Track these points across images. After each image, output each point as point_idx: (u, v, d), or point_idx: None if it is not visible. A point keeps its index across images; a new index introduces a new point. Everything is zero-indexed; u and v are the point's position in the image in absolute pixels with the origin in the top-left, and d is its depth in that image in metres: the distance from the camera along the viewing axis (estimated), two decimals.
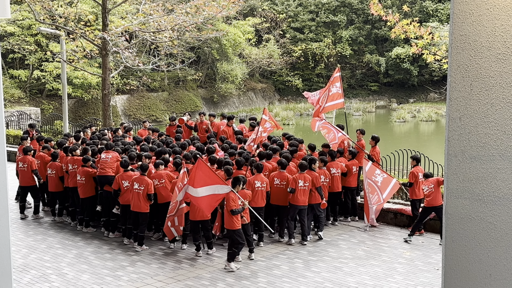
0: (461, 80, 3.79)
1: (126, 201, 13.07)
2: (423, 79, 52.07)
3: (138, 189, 12.67)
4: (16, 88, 37.10)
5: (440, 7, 50.57)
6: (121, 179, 13.08)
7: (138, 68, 25.28)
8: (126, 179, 13.04)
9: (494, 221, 3.73)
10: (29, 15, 33.42)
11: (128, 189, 12.96)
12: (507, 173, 3.67)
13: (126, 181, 13.02)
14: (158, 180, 13.03)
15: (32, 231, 14.39)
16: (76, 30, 23.74)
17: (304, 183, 12.98)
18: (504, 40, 3.61)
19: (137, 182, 12.70)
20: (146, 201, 12.70)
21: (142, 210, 12.75)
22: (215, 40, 43.22)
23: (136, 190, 12.69)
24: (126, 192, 12.99)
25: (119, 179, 13.11)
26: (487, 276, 3.77)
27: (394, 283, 11.01)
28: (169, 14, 23.83)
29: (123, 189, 13.05)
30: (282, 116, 44.84)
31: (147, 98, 43.01)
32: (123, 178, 13.08)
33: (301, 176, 13.02)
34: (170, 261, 12.21)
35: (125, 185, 13.03)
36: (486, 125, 3.71)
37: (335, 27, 53.46)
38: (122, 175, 13.12)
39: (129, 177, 13.01)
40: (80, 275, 11.50)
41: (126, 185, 13.02)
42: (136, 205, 12.76)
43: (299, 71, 52.67)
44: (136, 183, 12.70)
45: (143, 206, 12.73)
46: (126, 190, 12.98)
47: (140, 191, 12.66)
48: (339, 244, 13.28)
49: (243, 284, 10.97)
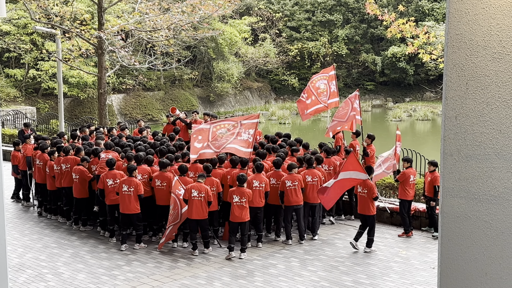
0: (457, 79, 3.79)
1: (112, 201, 13.07)
2: (419, 78, 52.16)
3: (128, 191, 12.62)
4: (11, 87, 37.01)
5: (436, 6, 50.65)
6: (106, 177, 13.10)
7: (134, 67, 25.26)
8: (110, 177, 13.05)
9: (489, 220, 3.74)
10: (25, 14, 33.34)
11: (113, 188, 12.95)
12: (502, 172, 3.67)
13: (110, 180, 13.02)
14: (160, 181, 13.01)
15: (28, 231, 14.36)
16: (72, 29, 23.69)
17: (292, 183, 12.96)
18: (500, 39, 3.62)
19: (125, 184, 12.64)
20: (137, 202, 12.67)
21: (133, 212, 12.71)
22: (211, 39, 43.19)
23: (126, 192, 12.63)
24: (112, 192, 12.99)
25: (104, 178, 13.12)
26: (483, 275, 3.78)
27: (390, 282, 11.03)
28: (165, 13, 23.81)
29: (108, 189, 13.03)
30: (278, 115, 44.83)
31: (143, 97, 42.96)
32: (107, 176, 13.10)
33: (288, 177, 13.03)
34: (166, 260, 12.20)
35: (109, 183, 13.02)
36: (482, 124, 3.72)
37: (331, 26, 53.50)
38: (107, 174, 13.12)
39: (113, 176, 13.02)
40: (76, 274, 11.48)
41: (110, 183, 13.01)
42: (126, 208, 12.69)
43: (295, 70, 52.70)
44: (124, 185, 12.64)
45: (133, 207, 12.68)
46: (112, 190, 12.97)
47: (130, 193, 12.61)
48: (335, 243, 13.30)
49: (239, 283, 10.97)
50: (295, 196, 12.97)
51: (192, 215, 12.19)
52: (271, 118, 45.09)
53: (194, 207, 12.14)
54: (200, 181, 12.27)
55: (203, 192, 12.12)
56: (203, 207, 12.18)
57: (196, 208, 12.13)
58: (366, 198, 12.48)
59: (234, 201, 12.20)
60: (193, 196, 12.11)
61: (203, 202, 12.15)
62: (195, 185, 12.18)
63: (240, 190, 12.21)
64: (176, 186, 12.33)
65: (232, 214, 12.28)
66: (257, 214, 12.90)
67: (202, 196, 12.11)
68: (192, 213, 12.19)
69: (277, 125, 42.60)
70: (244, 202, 12.20)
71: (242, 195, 12.18)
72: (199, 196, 12.11)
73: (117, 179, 12.94)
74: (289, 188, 12.92)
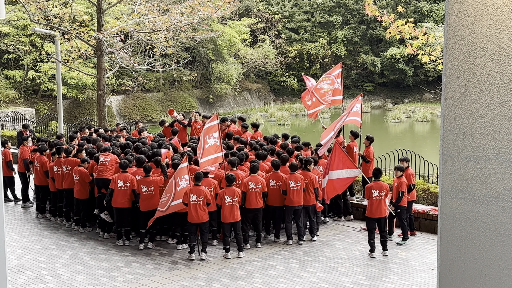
0: (456, 81, 3.79)
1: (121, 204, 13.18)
2: (418, 80, 52.16)
3: (124, 187, 12.96)
4: (10, 88, 36.98)
5: (435, 8, 50.66)
6: (118, 178, 13.19)
7: (133, 68, 25.25)
8: (122, 179, 13.16)
9: (489, 221, 3.74)
10: (24, 16, 33.31)
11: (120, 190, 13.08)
12: (501, 173, 3.68)
13: (121, 181, 13.11)
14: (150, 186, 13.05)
15: (27, 232, 14.35)
16: (71, 30, 23.68)
17: (296, 183, 12.96)
18: (499, 40, 3.62)
19: (121, 180, 12.98)
20: (130, 197, 13.05)
21: (126, 206, 13.07)
22: (210, 40, 43.18)
23: (121, 188, 12.96)
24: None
25: (116, 179, 13.24)
26: (482, 276, 3.78)
27: (390, 283, 11.03)
28: (164, 15, 23.80)
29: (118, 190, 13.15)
30: (278, 116, 44.81)
31: (142, 98, 42.94)
32: (119, 178, 13.20)
33: (291, 177, 13.02)
34: (165, 262, 12.19)
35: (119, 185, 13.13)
36: (481, 125, 3.72)
37: (330, 27, 53.50)
38: (119, 176, 13.25)
39: (125, 178, 13.13)
40: (76, 276, 11.47)
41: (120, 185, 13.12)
42: (120, 202, 13.02)
43: (294, 72, 52.68)
44: (120, 181, 12.98)
45: (127, 202, 13.07)
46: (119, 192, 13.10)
47: (126, 188, 12.95)
48: (334, 244, 13.29)
49: (238, 284, 10.96)
50: (297, 197, 12.99)
51: (193, 219, 12.19)
52: (270, 119, 45.07)
53: (193, 212, 12.12)
54: (198, 184, 12.24)
55: (202, 195, 12.12)
56: (203, 211, 12.17)
57: (196, 212, 12.11)
58: (383, 200, 12.38)
59: (226, 202, 12.21)
60: (192, 200, 12.10)
61: (202, 205, 12.14)
62: (193, 189, 12.15)
63: (230, 190, 12.22)
64: (180, 174, 12.26)
65: (224, 215, 12.28)
66: (256, 215, 12.90)
67: (201, 200, 12.11)
68: (192, 218, 12.19)
69: (276, 126, 42.58)
70: (236, 201, 12.23)
71: (233, 194, 12.19)
72: (197, 200, 12.10)
73: (127, 183, 13.04)
74: (292, 188, 12.93)
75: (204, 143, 12.81)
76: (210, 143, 12.78)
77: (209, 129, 12.99)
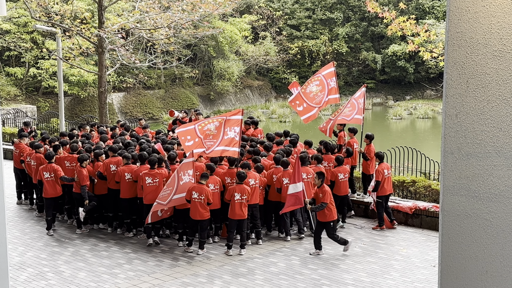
0: (457, 77, 3.79)
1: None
2: (420, 76, 52.11)
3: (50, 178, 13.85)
4: (12, 85, 37.01)
5: (437, 4, 50.59)
6: (44, 170, 13.80)
7: (134, 65, 25.28)
8: (47, 170, 13.80)
9: (490, 218, 3.74)
10: (25, 13, 33.34)
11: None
12: (503, 170, 3.68)
13: (47, 173, 13.75)
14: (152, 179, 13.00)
15: (29, 229, 14.36)
16: (72, 27, 23.68)
17: (289, 180, 12.96)
18: (501, 37, 3.62)
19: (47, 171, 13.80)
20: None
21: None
22: (211, 37, 43.16)
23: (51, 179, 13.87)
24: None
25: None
26: (483, 273, 3.79)
27: (391, 280, 11.03)
28: (165, 12, 23.79)
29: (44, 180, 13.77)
30: (279, 113, 44.78)
31: (144, 95, 42.95)
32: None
33: (285, 174, 13.06)
34: (167, 259, 12.21)
35: (46, 176, 13.76)
36: (483, 122, 3.72)
37: (331, 24, 53.45)
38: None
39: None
40: (77, 272, 11.49)
41: (47, 177, 13.75)
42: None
43: (296, 69, 52.65)
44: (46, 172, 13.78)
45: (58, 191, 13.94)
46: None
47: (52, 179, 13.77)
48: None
49: (240, 281, 10.97)
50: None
51: (195, 216, 12.27)
52: (272, 117, 45.05)
53: (195, 209, 12.21)
54: (203, 183, 12.27)
55: (203, 194, 12.16)
56: (204, 208, 12.24)
57: (197, 209, 12.20)
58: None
59: (236, 199, 12.24)
60: (194, 197, 12.19)
61: (203, 204, 12.20)
62: (196, 187, 12.20)
63: (240, 187, 12.26)
64: (184, 168, 12.26)
65: (233, 212, 12.31)
66: (254, 211, 12.92)
67: (202, 198, 12.15)
68: (193, 214, 12.28)
69: (278, 123, 42.57)
70: (245, 199, 12.27)
71: (243, 192, 12.23)
72: (199, 198, 12.16)
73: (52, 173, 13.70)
74: (286, 185, 12.93)
75: (224, 134, 12.84)
76: (230, 135, 12.85)
77: (232, 122, 12.98)
